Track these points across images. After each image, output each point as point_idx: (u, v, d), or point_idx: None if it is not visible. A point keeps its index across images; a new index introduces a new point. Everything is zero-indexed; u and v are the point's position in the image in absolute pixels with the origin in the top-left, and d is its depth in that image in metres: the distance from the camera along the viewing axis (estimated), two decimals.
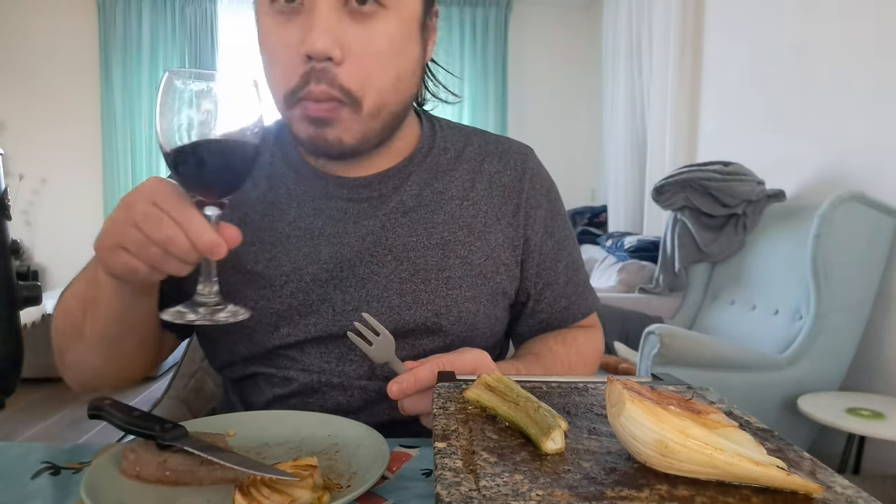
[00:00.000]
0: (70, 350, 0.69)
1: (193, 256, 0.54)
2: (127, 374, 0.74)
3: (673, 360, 1.90)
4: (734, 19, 2.99)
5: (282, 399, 0.74)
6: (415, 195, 0.76)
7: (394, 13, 0.66)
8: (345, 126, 0.66)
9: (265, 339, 0.72)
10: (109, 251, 0.55)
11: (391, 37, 0.66)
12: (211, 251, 0.53)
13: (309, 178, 0.76)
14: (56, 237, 4.53)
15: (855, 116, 2.19)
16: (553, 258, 0.82)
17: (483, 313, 0.76)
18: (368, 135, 0.69)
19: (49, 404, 3.12)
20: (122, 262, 0.55)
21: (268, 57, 0.68)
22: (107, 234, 0.55)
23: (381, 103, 0.67)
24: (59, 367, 0.72)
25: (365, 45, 0.64)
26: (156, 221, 0.52)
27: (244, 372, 0.76)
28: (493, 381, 0.51)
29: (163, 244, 0.53)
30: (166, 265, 0.54)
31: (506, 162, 0.81)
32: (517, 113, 4.88)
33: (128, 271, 0.55)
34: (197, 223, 0.52)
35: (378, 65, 0.66)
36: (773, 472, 0.36)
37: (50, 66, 4.47)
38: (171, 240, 0.52)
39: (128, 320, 0.66)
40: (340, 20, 0.63)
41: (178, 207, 0.53)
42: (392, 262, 0.73)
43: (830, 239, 1.95)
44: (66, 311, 0.68)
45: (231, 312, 0.57)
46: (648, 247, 3.27)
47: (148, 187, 0.54)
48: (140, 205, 0.53)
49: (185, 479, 0.52)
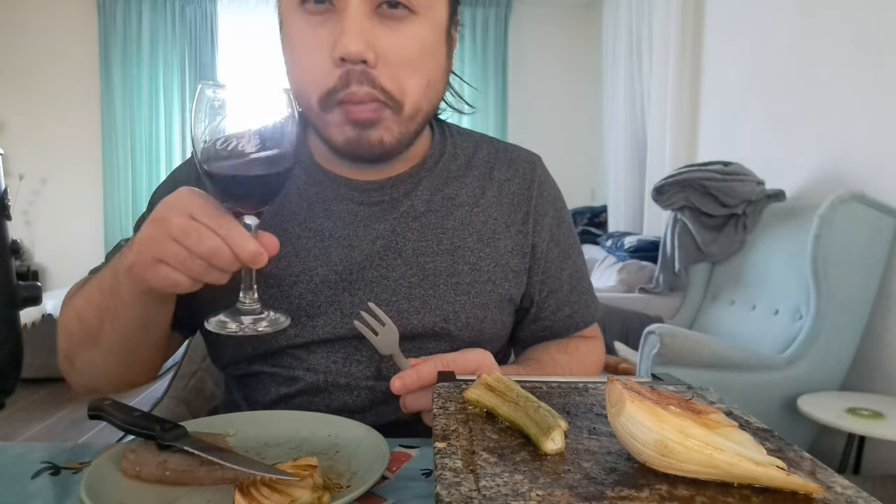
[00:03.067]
0: (82, 356, 0.68)
1: (235, 266, 0.54)
2: (138, 377, 0.74)
3: (673, 360, 1.90)
4: (734, 19, 2.99)
5: (287, 398, 0.74)
6: (425, 200, 0.76)
7: (423, 19, 0.66)
8: (386, 127, 0.67)
9: (272, 338, 0.72)
10: (148, 267, 0.55)
11: (422, 42, 0.66)
12: (253, 261, 0.53)
13: (320, 180, 0.76)
14: (56, 237, 4.53)
15: (855, 116, 2.19)
16: (558, 266, 0.82)
17: (490, 319, 0.76)
18: (406, 136, 0.69)
19: (49, 404, 3.12)
20: (162, 276, 0.54)
21: (297, 58, 0.67)
22: (143, 250, 0.55)
23: (418, 106, 0.68)
24: (64, 371, 0.72)
25: (397, 49, 0.64)
26: (197, 235, 0.52)
27: (249, 370, 0.76)
28: (493, 381, 0.51)
29: (206, 257, 0.52)
30: (208, 276, 0.54)
31: (515, 170, 0.82)
32: (517, 113, 4.88)
33: (170, 285, 0.55)
34: (238, 234, 0.52)
35: (411, 69, 0.66)
36: (773, 472, 0.36)
37: (50, 66, 4.47)
38: (215, 252, 0.52)
39: (148, 328, 0.66)
40: (372, 24, 0.63)
41: (218, 219, 0.53)
42: (401, 266, 0.74)
43: (830, 239, 1.95)
44: (80, 319, 0.67)
45: (271, 322, 0.57)
46: (648, 247, 3.26)
47: (180, 200, 0.54)
48: (176, 219, 0.53)
49: (185, 479, 0.52)
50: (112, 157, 4.53)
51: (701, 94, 3.29)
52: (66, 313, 0.69)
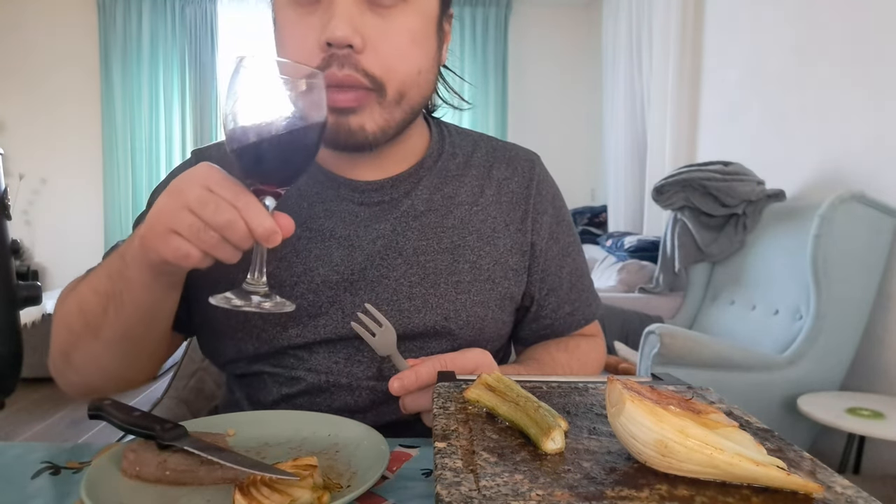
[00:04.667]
0: (80, 350, 0.67)
1: (248, 243, 0.53)
2: (137, 375, 0.73)
3: (673, 360, 1.90)
4: (734, 19, 2.99)
5: (289, 398, 0.74)
6: (425, 199, 0.77)
7: (414, 8, 0.67)
8: (368, 113, 0.66)
9: (273, 338, 0.72)
10: (160, 237, 0.54)
11: (411, 30, 0.66)
12: (268, 239, 0.53)
13: (320, 180, 0.76)
14: (56, 237, 4.53)
15: (855, 116, 2.19)
16: (557, 264, 0.82)
17: (491, 317, 0.76)
18: (390, 124, 0.68)
19: (49, 404, 3.12)
20: (174, 247, 0.53)
21: (286, 47, 0.67)
22: (157, 220, 0.54)
23: (403, 90, 0.67)
24: (57, 371, 0.69)
25: (386, 36, 0.65)
26: (214, 206, 0.52)
27: (250, 370, 0.76)
28: (493, 381, 0.51)
29: (221, 228, 0.52)
30: (220, 251, 0.53)
31: (514, 168, 0.82)
32: (517, 113, 4.88)
33: (180, 257, 0.53)
34: (255, 209, 0.52)
35: (399, 56, 0.66)
36: (773, 472, 0.36)
37: (50, 66, 4.48)
38: (230, 224, 0.51)
39: (153, 317, 0.65)
40: (361, 11, 0.64)
41: (236, 193, 0.52)
42: (402, 265, 0.74)
43: (830, 239, 1.95)
44: (81, 309, 0.65)
45: (277, 304, 0.56)
46: (648, 247, 3.27)
47: (200, 173, 0.54)
48: (194, 190, 0.52)
49: (185, 479, 0.52)
50: (112, 157, 4.53)
51: (701, 94, 3.29)
52: (66, 306, 0.68)
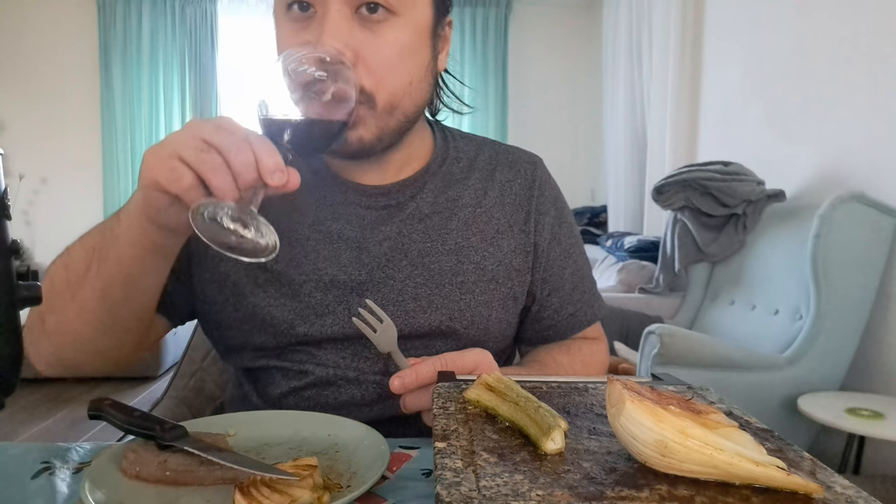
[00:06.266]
0: (56, 312, 0.66)
1: (252, 174, 0.52)
2: (109, 350, 0.71)
3: (673, 360, 1.90)
4: (734, 19, 2.99)
5: (297, 391, 0.75)
6: (430, 203, 0.78)
7: (404, 20, 0.67)
8: (363, 125, 0.68)
9: (281, 335, 0.74)
10: (162, 160, 0.53)
11: (401, 43, 0.67)
12: (271, 174, 0.52)
13: (329, 184, 0.77)
14: (56, 237, 4.51)
15: (855, 116, 2.19)
16: (560, 265, 0.83)
17: (495, 318, 0.78)
18: (385, 132, 0.70)
19: (49, 404, 3.12)
20: (170, 167, 0.52)
21: None
22: (164, 145, 0.54)
23: (394, 102, 0.69)
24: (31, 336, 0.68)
25: (376, 50, 0.66)
26: (226, 134, 0.52)
27: (256, 363, 0.77)
28: (493, 381, 0.51)
29: (226, 151, 0.51)
30: (217, 177, 0.51)
31: (516, 171, 0.84)
32: (517, 113, 4.88)
33: (172, 179, 0.52)
34: (268, 146, 0.53)
35: (389, 69, 0.67)
36: (773, 472, 0.36)
37: (50, 66, 4.47)
38: (238, 148, 0.51)
39: (134, 284, 0.64)
40: (351, 27, 0.65)
41: (250, 132, 0.54)
42: (407, 266, 0.75)
43: (830, 239, 1.95)
44: (66, 265, 0.65)
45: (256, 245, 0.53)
46: (648, 247, 3.26)
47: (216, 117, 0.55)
48: (208, 124, 0.53)
49: (185, 479, 0.52)
50: (112, 157, 4.53)
51: (701, 94, 3.28)
52: (55, 265, 0.67)
